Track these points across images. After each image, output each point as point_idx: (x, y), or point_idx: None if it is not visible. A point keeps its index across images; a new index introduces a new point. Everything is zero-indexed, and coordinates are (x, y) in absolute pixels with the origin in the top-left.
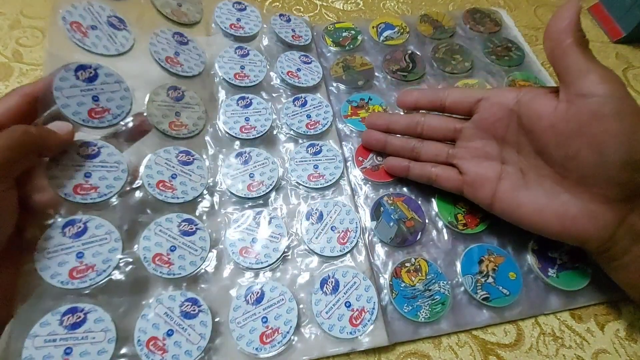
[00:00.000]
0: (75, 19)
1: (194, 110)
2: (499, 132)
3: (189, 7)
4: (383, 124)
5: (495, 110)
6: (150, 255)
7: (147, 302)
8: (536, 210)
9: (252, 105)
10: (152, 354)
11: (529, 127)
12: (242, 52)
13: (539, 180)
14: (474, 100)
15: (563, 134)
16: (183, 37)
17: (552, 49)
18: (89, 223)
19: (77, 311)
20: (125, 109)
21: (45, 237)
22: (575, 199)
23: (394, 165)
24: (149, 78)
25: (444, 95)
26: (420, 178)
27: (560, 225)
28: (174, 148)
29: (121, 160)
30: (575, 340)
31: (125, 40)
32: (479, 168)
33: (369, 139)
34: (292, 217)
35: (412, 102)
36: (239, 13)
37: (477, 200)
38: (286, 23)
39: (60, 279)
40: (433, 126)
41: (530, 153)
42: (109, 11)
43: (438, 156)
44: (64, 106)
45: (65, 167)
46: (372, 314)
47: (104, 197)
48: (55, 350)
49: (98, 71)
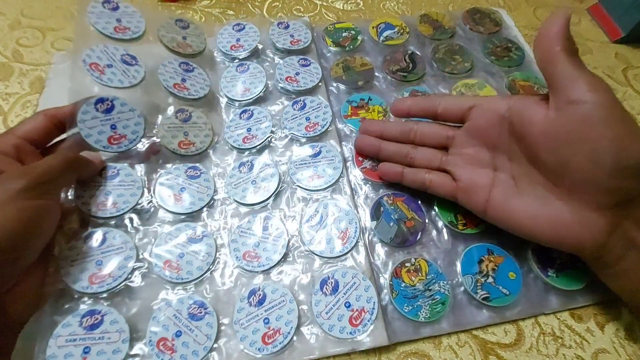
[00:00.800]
0: (94, 60)
1: (201, 128)
2: (491, 139)
3: (193, 39)
4: (377, 130)
5: (487, 117)
6: (161, 262)
7: (158, 305)
8: (529, 218)
9: (254, 115)
10: (162, 354)
11: (520, 134)
12: (242, 69)
13: (531, 188)
14: (465, 107)
15: (554, 140)
16: (189, 65)
17: (541, 56)
18: (107, 234)
19: (95, 313)
20: (139, 134)
21: (69, 246)
22: (567, 206)
23: (388, 170)
24: (159, 104)
25: (437, 102)
26: (414, 184)
27: (554, 232)
28: (183, 165)
29: (136, 179)
30: (575, 340)
31: (137, 74)
32: (472, 175)
33: (363, 144)
34: (292, 219)
35: (405, 110)
36: (238, 34)
37: (471, 207)
38: (284, 30)
39: (82, 284)
40: (426, 133)
41: (522, 160)
42: (122, 50)
43: (432, 162)
44: (87, 136)
45: (88, 188)
46: (372, 314)
47: (121, 211)
48: (75, 350)
49: (114, 102)
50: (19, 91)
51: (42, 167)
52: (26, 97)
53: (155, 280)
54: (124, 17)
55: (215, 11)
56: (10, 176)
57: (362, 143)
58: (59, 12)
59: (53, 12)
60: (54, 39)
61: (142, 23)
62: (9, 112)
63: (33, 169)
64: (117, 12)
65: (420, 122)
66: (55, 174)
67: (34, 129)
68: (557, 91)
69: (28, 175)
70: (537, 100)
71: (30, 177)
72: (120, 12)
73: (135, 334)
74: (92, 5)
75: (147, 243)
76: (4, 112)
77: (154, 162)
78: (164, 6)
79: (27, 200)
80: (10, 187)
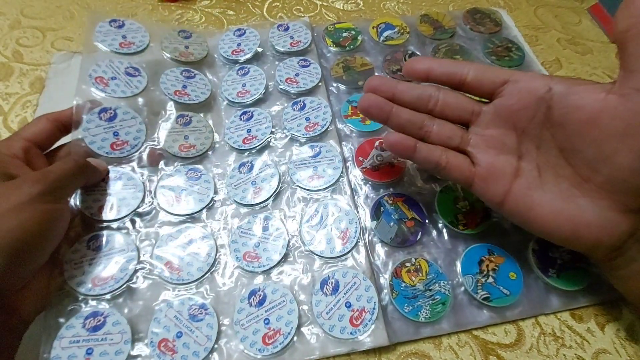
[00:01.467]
0: (99, 74)
1: (201, 131)
2: (521, 122)
3: (195, 47)
4: (388, 90)
5: (522, 97)
6: (162, 264)
7: (159, 306)
8: (550, 214)
9: (254, 117)
10: (163, 355)
11: (560, 119)
12: (243, 72)
13: (556, 181)
14: (500, 81)
15: (604, 130)
16: (190, 72)
17: (626, 28)
18: (109, 237)
19: (97, 315)
20: (141, 140)
21: (73, 249)
22: (592, 205)
23: (398, 142)
24: (160, 110)
25: (465, 70)
26: (428, 163)
27: (572, 232)
28: (184, 167)
29: (138, 183)
30: (575, 340)
31: (140, 84)
32: (495, 160)
33: (370, 106)
34: (292, 219)
35: (423, 71)
36: (239, 39)
37: (487, 197)
38: (284, 32)
39: (85, 286)
40: (450, 103)
41: (552, 150)
42: (126, 64)
43: (451, 140)
44: (90, 143)
45: (92, 193)
46: (373, 314)
47: (123, 214)
48: (78, 351)
49: (117, 111)
50: (19, 91)
51: (56, 172)
52: (26, 97)
53: (156, 281)
54: (129, 34)
55: (215, 11)
56: (27, 180)
57: (369, 103)
58: (59, 12)
59: (53, 12)
60: (54, 38)
61: (146, 37)
62: (9, 112)
63: (48, 174)
64: (122, 29)
65: (442, 88)
66: (68, 179)
67: (40, 132)
68: (629, 74)
69: (44, 180)
70: (586, 84)
71: (46, 182)
72: (126, 29)
73: (137, 335)
74: (100, 25)
75: (148, 245)
76: (4, 112)
77: (156, 166)
78: (164, 6)
79: (43, 204)
80: (28, 191)
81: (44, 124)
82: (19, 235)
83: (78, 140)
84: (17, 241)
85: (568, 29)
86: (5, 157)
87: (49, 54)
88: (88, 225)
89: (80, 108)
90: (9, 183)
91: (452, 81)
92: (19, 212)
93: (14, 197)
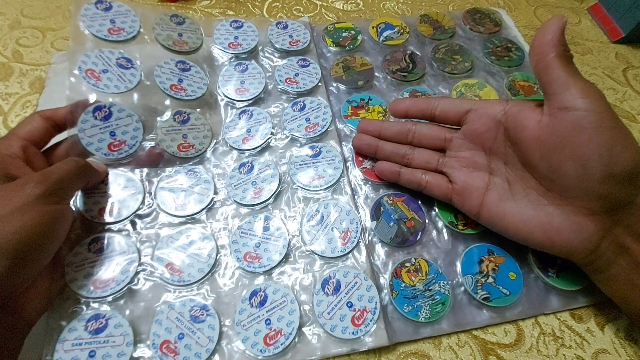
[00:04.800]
0: (89, 66)
1: (200, 130)
2: (487, 143)
3: (190, 35)
4: (375, 129)
5: (483, 122)
6: (163, 265)
7: (160, 307)
8: (521, 222)
9: (253, 116)
10: (165, 356)
11: (515, 138)
12: (241, 68)
13: (525, 192)
14: (462, 110)
15: (546, 146)
16: (185, 64)
17: (536, 62)
18: (110, 239)
19: (99, 317)
20: (138, 139)
21: (74, 252)
22: (559, 211)
23: (385, 169)
24: (156, 107)
25: (434, 104)
26: (411, 184)
27: (545, 236)
28: (183, 168)
29: (137, 184)
30: (575, 340)
31: (133, 77)
32: (468, 178)
33: (361, 143)
34: (293, 219)
35: (403, 110)
36: (236, 31)
37: (465, 209)
38: (283, 30)
39: (86, 289)
40: (424, 134)
41: (517, 165)
42: (117, 54)
43: (429, 163)
44: (88, 144)
45: (92, 195)
46: (374, 313)
47: (123, 216)
48: (81, 353)
49: (111, 109)
50: (19, 91)
51: (58, 172)
52: (26, 97)
53: (157, 283)
54: (117, 17)
55: (215, 11)
56: (29, 181)
57: (360, 142)
58: (59, 12)
59: (53, 12)
60: (54, 39)
61: (136, 22)
62: (9, 112)
63: (50, 175)
64: (110, 12)
65: (418, 123)
66: (70, 180)
67: (35, 130)
68: (551, 97)
69: (46, 180)
70: (532, 106)
71: (48, 183)
72: (114, 12)
73: (139, 336)
74: (85, 7)
75: (149, 246)
76: (4, 112)
77: (156, 166)
78: (164, 6)
79: (46, 205)
80: (30, 192)
81: (38, 121)
82: (23, 236)
83: (75, 137)
84: (21, 243)
85: (568, 29)
86: (5, 158)
87: (49, 54)
88: (88, 227)
89: (74, 106)
90: (11, 184)
91: (425, 115)
92: (22, 214)
93: (16, 198)
